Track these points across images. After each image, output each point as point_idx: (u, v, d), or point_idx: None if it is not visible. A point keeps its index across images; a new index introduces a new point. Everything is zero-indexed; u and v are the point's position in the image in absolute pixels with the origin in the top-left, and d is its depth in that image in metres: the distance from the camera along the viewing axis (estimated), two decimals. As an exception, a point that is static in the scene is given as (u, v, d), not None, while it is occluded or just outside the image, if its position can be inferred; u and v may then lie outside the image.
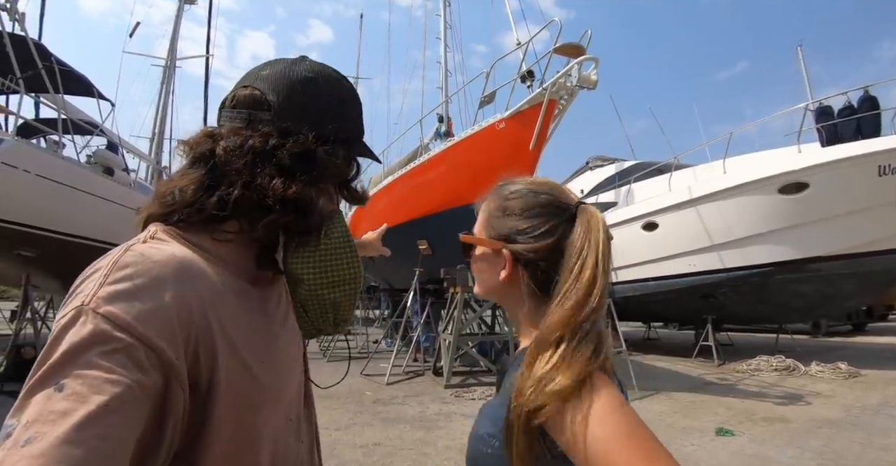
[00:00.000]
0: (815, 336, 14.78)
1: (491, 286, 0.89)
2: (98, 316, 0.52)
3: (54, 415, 0.46)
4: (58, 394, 0.47)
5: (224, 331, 0.63)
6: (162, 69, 17.68)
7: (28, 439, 0.44)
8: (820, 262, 9.16)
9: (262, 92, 0.74)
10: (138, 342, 0.52)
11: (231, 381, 0.62)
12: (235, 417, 0.63)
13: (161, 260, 0.60)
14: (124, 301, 0.53)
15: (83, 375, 0.48)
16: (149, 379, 0.52)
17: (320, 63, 0.80)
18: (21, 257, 7.81)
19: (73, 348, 0.50)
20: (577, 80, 7.30)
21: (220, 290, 0.65)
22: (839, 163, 8.31)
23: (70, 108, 9.14)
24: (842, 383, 7.96)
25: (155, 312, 0.55)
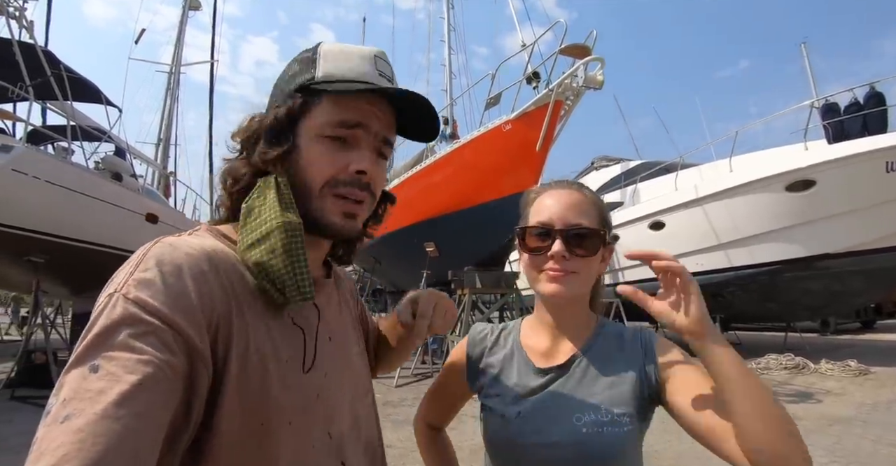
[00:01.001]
0: (824, 333, 14.71)
1: (593, 280, 0.98)
2: (128, 301, 0.54)
3: (91, 393, 0.47)
4: (93, 375, 0.49)
5: (243, 323, 0.64)
6: (167, 75, 17.82)
7: (67, 415, 0.46)
8: (828, 260, 9.10)
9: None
10: (166, 326, 0.54)
11: (242, 372, 0.62)
12: (245, 409, 0.62)
13: (188, 252, 0.62)
14: (152, 287, 0.56)
15: (116, 356, 0.50)
16: (178, 361, 0.54)
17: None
18: (31, 263, 7.85)
19: (105, 330, 0.52)
20: (583, 81, 7.31)
21: (246, 284, 0.66)
22: (846, 159, 8.27)
23: (78, 115, 9.20)
24: (852, 380, 7.92)
25: (180, 298, 0.57)
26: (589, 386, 0.91)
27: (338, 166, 0.72)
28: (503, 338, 1.08)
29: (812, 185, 8.71)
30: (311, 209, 0.72)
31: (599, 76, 7.30)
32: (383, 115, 0.75)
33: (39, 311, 8.22)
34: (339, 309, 0.86)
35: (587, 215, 0.93)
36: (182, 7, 18.06)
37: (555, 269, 0.91)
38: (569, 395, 0.91)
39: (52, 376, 7.11)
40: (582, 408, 0.88)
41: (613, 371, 0.91)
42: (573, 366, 0.94)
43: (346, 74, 0.73)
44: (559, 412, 0.90)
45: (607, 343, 0.96)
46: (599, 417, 0.86)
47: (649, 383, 0.89)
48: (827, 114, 9.13)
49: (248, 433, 0.62)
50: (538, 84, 8.00)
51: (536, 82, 8.00)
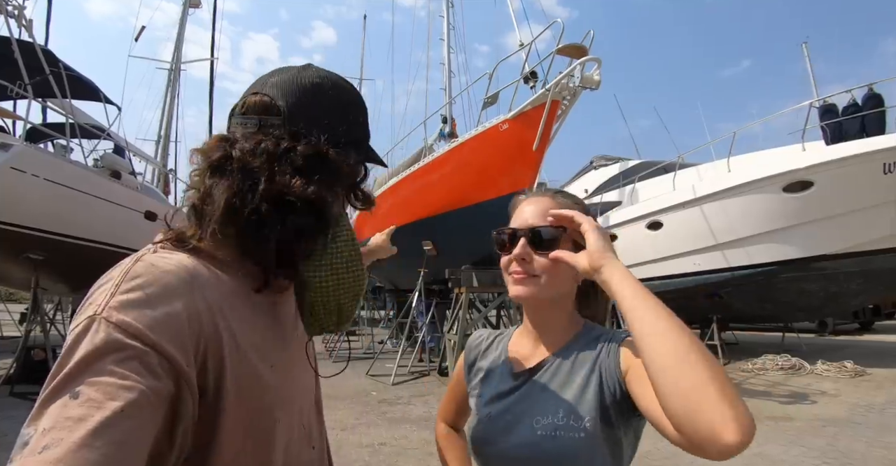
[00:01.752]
0: (822, 334, 14.73)
1: (566, 283, 0.97)
2: (110, 324, 0.52)
3: (70, 422, 0.46)
4: (73, 401, 0.48)
5: (233, 338, 0.64)
6: (167, 72, 17.84)
7: (45, 445, 0.45)
8: (825, 261, 9.12)
9: (271, 97, 0.74)
10: (151, 349, 0.53)
11: (241, 388, 0.63)
12: (246, 424, 0.64)
13: (170, 270, 0.61)
14: (136, 309, 0.54)
15: (98, 382, 0.49)
16: (162, 386, 0.53)
17: (326, 70, 0.82)
18: (30, 260, 7.88)
19: (88, 356, 0.51)
20: (579, 81, 7.32)
21: (229, 297, 0.67)
22: (844, 161, 8.27)
23: (77, 113, 9.22)
24: (848, 382, 7.94)
25: (166, 320, 0.56)
26: (554, 389, 0.91)
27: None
28: (496, 343, 1.11)
29: (809, 186, 8.72)
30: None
31: (596, 76, 7.30)
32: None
33: (39, 308, 8.26)
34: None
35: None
36: (182, 4, 18.07)
37: (517, 272, 0.93)
38: (533, 398, 0.92)
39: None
40: (543, 411, 0.89)
41: (580, 374, 0.89)
42: (542, 370, 0.95)
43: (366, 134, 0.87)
44: (522, 415, 0.91)
45: (581, 346, 0.94)
46: (555, 420, 0.86)
47: (612, 382, 0.84)
48: (825, 115, 9.13)
49: (250, 441, 0.64)
50: (535, 83, 8.01)
51: (534, 82, 8.00)
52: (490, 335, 1.15)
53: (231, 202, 0.68)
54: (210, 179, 0.70)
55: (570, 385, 0.90)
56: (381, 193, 11.86)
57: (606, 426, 0.85)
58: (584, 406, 0.86)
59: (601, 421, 0.84)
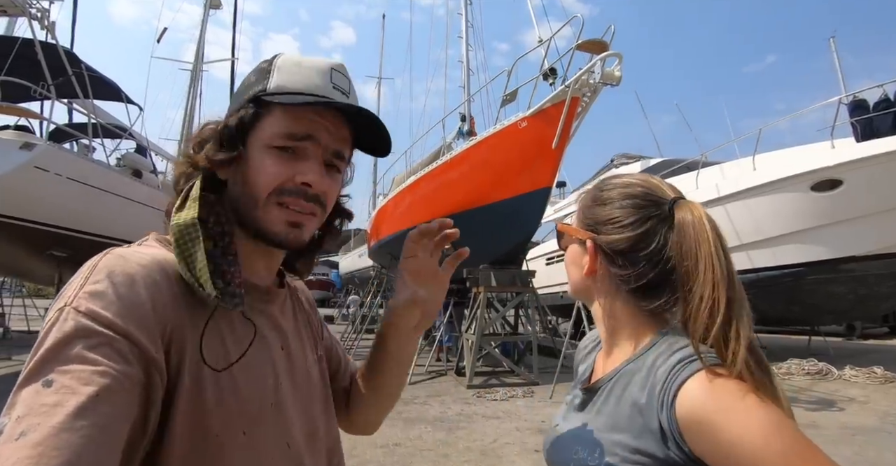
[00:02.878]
0: (850, 338, 14.31)
1: (577, 281, 0.89)
2: (80, 313, 0.53)
3: (46, 407, 0.47)
4: (46, 389, 0.48)
5: (196, 332, 0.63)
6: (189, 73, 18.09)
7: (22, 431, 0.45)
8: (854, 262, 8.83)
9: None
10: (121, 336, 0.54)
11: (194, 382, 0.61)
12: (197, 420, 0.61)
13: (139, 261, 0.61)
14: (104, 299, 0.55)
15: (70, 369, 0.50)
16: (134, 371, 0.54)
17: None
18: (54, 257, 8.05)
19: (57, 344, 0.51)
20: (600, 77, 7.19)
21: (199, 295, 0.65)
22: (875, 158, 7.98)
23: (100, 113, 9.40)
24: (877, 388, 7.68)
25: (133, 308, 0.56)
26: (600, 419, 0.79)
27: (284, 177, 0.71)
28: (598, 346, 0.99)
29: (839, 185, 8.44)
30: (256, 218, 0.72)
31: (617, 72, 7.16)
32: (335, 129, 0.75)
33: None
34: (294, 318, 0.86)
35: (574, 216, 0.92)
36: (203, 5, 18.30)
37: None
38: (581, 423, 0.83)
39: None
40: (582, 442, 0.79)
41: (628, 409, 0.74)
42: (598, 393, 0.83)
43: (296, 86, 0.73)
44: (569, 439, 0.84)
45: (639, 370, 0.76)
46: (589, 460, 0.76)
47: (668, 442, 0.67)
48: (855, 110, 8.83)
49: (201, 443, 0.61)
50: (555, 80, 7.90)
51: (553, 78, 7.90)
52: (597, 336, 1.00)
53: (178, 186, 0.73)
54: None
55: (612, 420, 0.76)
56: (400, 191, 11.85)
57: None
58: (622, 455, 0.72)
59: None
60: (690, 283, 0.73)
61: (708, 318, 0.70)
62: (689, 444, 0.64)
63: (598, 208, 0.85)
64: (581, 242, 0.87)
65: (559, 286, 14.92)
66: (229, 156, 0.72)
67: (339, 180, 0.80)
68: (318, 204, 0.75)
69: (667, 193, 0.82)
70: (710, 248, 0.73)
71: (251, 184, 0.72)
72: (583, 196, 0.92)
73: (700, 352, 0.68)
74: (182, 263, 0.64)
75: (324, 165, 0.75)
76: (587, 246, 0.85)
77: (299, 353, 0.82)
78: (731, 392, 0.63)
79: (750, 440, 0.60)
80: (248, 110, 0.73)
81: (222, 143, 0.73)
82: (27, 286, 17.67)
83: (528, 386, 7.89)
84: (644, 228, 0.79)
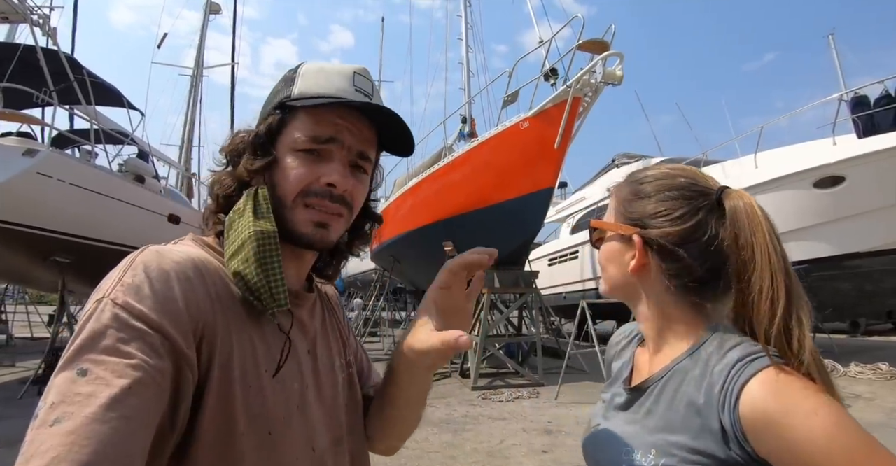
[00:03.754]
0: (854, 335, 14.26)
1: (618, 279, 0.85)
2: (116, 306, 0.55)
3: (80, 397, 0.48)
4: (81, 378, 0.50)
5: (227, 331, 0.65)
6: (189, 78, 18.14)
7: (56, 418, 0.47)
8: (859, 259, 8.84)
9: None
10: (154, 330, 0.55)
11: (223, 381, 0.62)
12: (225, 418, 0.62)
13: (175, 259, 0.63)
14: (140, 293, 0.57)
15: (105, 360, 0.51)
16: (166, 365, 0.55)
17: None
18: (57, 263, 8.05)
19: (94, 335, 0.53)
20: (601, 77, 7.20)
21: (231, 293, 0.68)
22: (877, 154, 7.98)
23: (102, 119, 9.40)
24: (883, 384, 7.65)
25: (167, 303, 0.58)
26: (651, 419, 0.76)
27: (309, 178, 0.73)
28: (632, 344, 0.97)
29: (841, 182, 8.44)
30: (285, 220, 0.73)
31: (618, 71, 7.17)
32: (358, 130, 0.76)
33: (66, 310, 8.42)
34: (322, 323, 0.86)
35: (609, 210, 0.89)
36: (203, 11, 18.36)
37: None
38: (631, 423, 0.80)
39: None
40: (633, 443, 0.77)
41: (683, 410, 0.71)
42: (646, 392, 0.80)
43: (320, 91, 0.75)
44: (615, 438, 0.81)
45: (692, 369, 0.73)
46: (644, 461, 0.73)
47: (729, 441, 0.65)
48: (856, 107, 8.84)
49: (228, 440, 0.62)
50: (556, 80, 7.90)
51: (554, 79, 7.90)
52: (631, 332, 0.99)
53: (214, 191, 0.76)
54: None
55: (670, 422, 0.73)
56: (402, 194, 11.85)
57: None
58: (680, 455, 0.70)
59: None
60: (749, 274, 0.71)
61: (769, 310, 0.69)
62: (752, 444, 0.63)
63: (642, 202, 0.82)
64: (624, 238, 0.83)
65: (562, 286, 14.90)
66: (265, 162, 0.74)
67: (365, 181, 0.80)
68: (344, 204, 0.75)
69: (710, 182, 0.81)
70: (765, 237, 0.72)
71: (280, 187, 0.73)
72: (618, 190, 0.89)
73: (765, 348, 0.67)
74: (259, 270, 0.66)
75: (348, 166, 0.76)
76: (635, 241, 0.81)
77: (326, 358, 0.82)
78: (798, 391, 0.63)
79: (816, 440, 0.59)
80: (276, 117, 0.75)
81: (256, 152, 0.75)
82: (30, 293, 17.68)
83: (533, 387, 7.87)
84: (696, 219, 0.77)
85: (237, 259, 0.68)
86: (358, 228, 0.87)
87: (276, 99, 0.77)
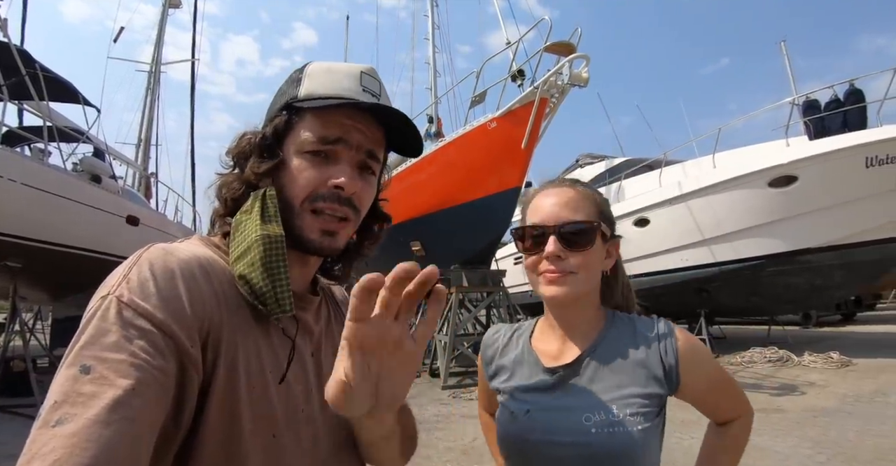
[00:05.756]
0: (806, 326, 14.92)
1: (596, 280, 0.96)
2: (121, 303, 0.55)
3: (83, 397, 0.48)
4: (84, 377, 0.49)
5: (232, 331, 0.64)
6: (147, 74, 17.51)
7: (59, 419, 0.47)
8: (810, 254, 9.24)
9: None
10: (158, 329, 0.55)
11: (227, 382, 0.62)
12: (229, 418, 0.62)
13: (182, 258, 0.63)
14: (145, 291, 0.57)
15: (109, 359, 0.51)
16: (169, 365, 0.55)
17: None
18: (8, 268, 7.65)
19: (98, 332, 0.53)
20: (568, 78, 7.32)
21: (236, 294, 0.67)
22: (827, 155, 8.39)
23: (55, 116, 8.97)
24: (835, 372, 8.04)
25: (172, 302, 0.58)
26: (599, 384, 0.90)
27: (317, 181, 0.72)
28: (515, 339, 1.08)
29: (794, 181, 8.83)
30: (293, 226, 0.72)
31: (585, 73, 7.32)
32: (367, 130, 0.75)
33: (17, 318, 8.03)
34: (327, 325, 0.85)
35: (581, 210, 0.92)
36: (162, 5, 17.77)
37: (551, 271, 0.90)
38: (578, 394, 0.91)
39: (31, 384, 6.96)
40: (591, 408, 0.87)
41: (625, 368, 0.91)
42: (583, 365, 0.93)
43: (327, 91, 0.74)
44: (568, 411, 0.89)
45: (618, 338, 0.95)
46: (610, 417, 0.86)
47: (668, 380, 0.89)
48: (808, 110, 9.26)
49: (232, 440, 0.62)
50: (523, 82, 8.00)
51: (521, 80, 8.00)
52: (507, 331, 1.12)
53: (221, 194, 0.76)
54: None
55: (616, 379, 0.90)
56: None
57: (659, 418, 0.89)
58: (635, 400, 0.87)
59: (656, 416, 0.88)
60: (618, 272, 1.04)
61: (630, 293, 1.05)
62: (681, 370, 0.89)
63: (610, 210, 0.99)
64: (605, 240, 0.95)
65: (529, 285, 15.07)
66: (272, 164, 0.73)
67: (372, 182, 0.79)
68: (352, 207, 0.74)
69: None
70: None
71: (287, 190, 0.73)
72: (596, 197, 0.97)
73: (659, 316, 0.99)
74: (264, 275, 0.66)
75: (357, 168, 0.75)
76: (616, 245, 0.99)
77: (329, 361, 0.78)
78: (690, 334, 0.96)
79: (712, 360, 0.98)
80: (282, 118, 0.75)
81: (262, 154, 0.74)
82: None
83: (503, 384, 7.93)
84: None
85: (243, 262, 0.67)
86: (367, 228, 0.85)
87: (282, 99, 0.77)
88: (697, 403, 0.95)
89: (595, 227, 0.91)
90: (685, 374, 0.89)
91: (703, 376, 0.92)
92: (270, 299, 0.66)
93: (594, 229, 0.91)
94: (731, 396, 0.99)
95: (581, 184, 0.99)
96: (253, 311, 0.68)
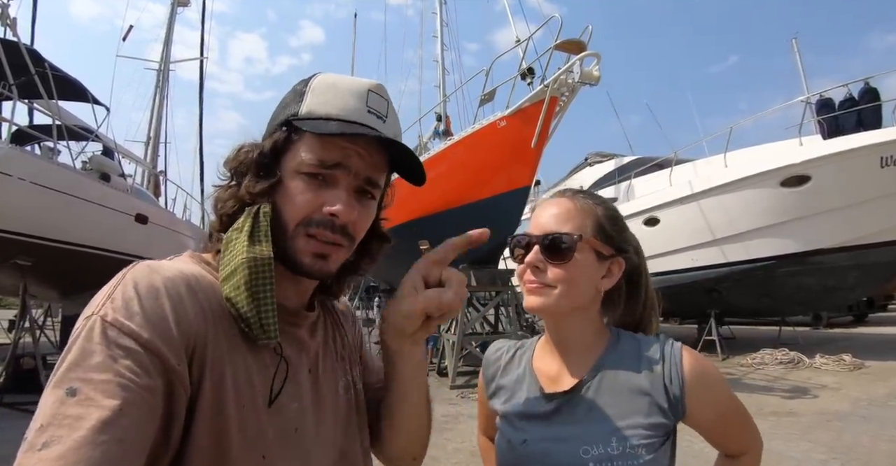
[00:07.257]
0: (817, 327, 14.79)
1: (587, 294, 0.90)
2: (105, 323, 0.54)
3: (69, 420, 0.47)
4: (70, 399, 0.49)
5: (219, 349, 0.63)
6: (156, 73, 17.59)
7: (45, 443, 0.46)
8: (822, 255, 9.14)
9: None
10: (143, 348, 0.54)
11: (215, 401, 0.61)
12: (217, 438, 0.61)
13: (166, 275, 0.62)
14: (130, 310, 0.56)
15: (94, 380, 0.50)
16: (156, 384, 0.54)
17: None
18: (18, 266, 7.69)
19: (83, 353, 0.52)
20: (579, 77, 7.25)
21: (225, 311, 0.65)
22: (841, 155, 8.28)
23: (64, 114, 9.01)
24: (847, 375, 7.95)
25: (157, 321, 0.57)
26: (598, 413, 0.86)
27: (312, 206, 0.70)
28: (517, 358, 1.05)
29: (807, 181, 8.73)
30: (285, 247, 0.70)
31: (595, 71, 7.23)
32: (368, 155, 0.72)
33: (27, 315, 8.07)
34: (325, 341, 0.83)
35: (570, 223, 0.89)
36: (170, 3, 17.83)
37: (530, 281, 0.88)
38: (576, 424, 0.86)
39: (41, 381, 6.99)
40: (590, 439, 0.83)
41: (626, 396, 0.86)
42: (581, 391, 0.89)
43: (329, 111, 0.71)
44: (565, 443, 0.85)
45: (620, 362, 0.89)
46: (609, 450, 0.81)
47: (673, 409, 0.84)
48: (821, 109, 9.16)
49: (219, 462, 0.60)
50: (533, 80, 7.94)
51: (531, 78, 7.94)
52: (510, 348, 1.08)
53: (217, 210, 0.74)
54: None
55: (618, 408, 0.85)
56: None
57: (666, 446, 0.85)
58: (638, 431, 0.82)
59: (662, 444, 0.84)
60: (641, 290, 0.98)
61: (653, 314, 1.00)
62: (687, 397, 0.83)
63: (619, 229, 0.94)
64: (602, 257, 0.91)
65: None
66: (269, 184, 0.71)
67: (371, 207, 0.77)
68: (345, 235, 0.72)
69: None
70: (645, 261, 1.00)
71: (282, 211, 0.70)
72: (592, 208, 0.93)
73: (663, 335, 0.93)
74: (249, 299, 0.64)
75: (354, 193, 0.72)
76: (619, 263, 0.93)
77: (328, 377, 0.79)
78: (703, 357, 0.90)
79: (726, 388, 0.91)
80: (282, 135, 0.72)
81: (259, 173, 0.72)
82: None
83: (511, 385, 7.91)
84: (640, 255, 0.98)
85: (229, 284, 0.65)
86: (366, 247, 0.82)
87: (283, 113, 0.73)
88: (703, 433, 0.90)
89: (575, 240, 0.86)
90: (691, 403, 0.83)
91: (711, 406, 0.86)
92: (255, 324, 0.64)
93: (574, 242, 0.87)
94: (740, 427, 0.93)
95: (585, 197, 0.96)
96: (242, 331, 0.66)
